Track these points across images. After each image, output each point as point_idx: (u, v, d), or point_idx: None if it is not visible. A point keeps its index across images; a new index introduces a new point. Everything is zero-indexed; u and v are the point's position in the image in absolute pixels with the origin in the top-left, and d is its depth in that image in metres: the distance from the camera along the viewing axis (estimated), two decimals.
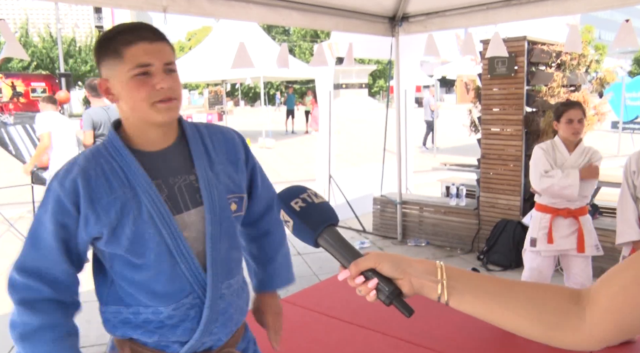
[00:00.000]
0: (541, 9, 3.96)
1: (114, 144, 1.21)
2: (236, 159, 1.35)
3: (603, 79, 5.31)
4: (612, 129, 14.88)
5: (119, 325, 1.25)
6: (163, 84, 1.15)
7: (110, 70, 1.17)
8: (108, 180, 1.18)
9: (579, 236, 3.08)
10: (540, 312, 0.77)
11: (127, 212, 1.17)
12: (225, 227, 1.28)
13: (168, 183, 1.23)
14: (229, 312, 1.30)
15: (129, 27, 1.17)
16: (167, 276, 1.21)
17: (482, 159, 5.02)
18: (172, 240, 1.20)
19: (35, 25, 30.28)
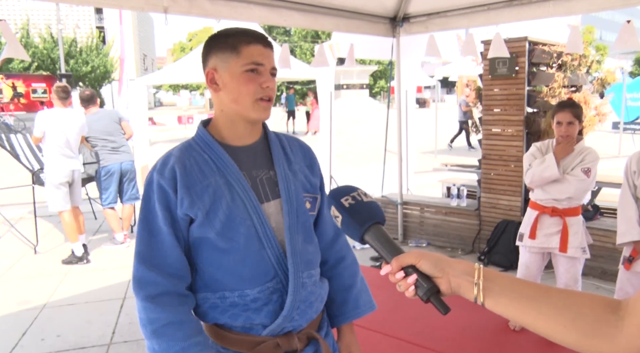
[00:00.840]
0: (543, 9, 3.95)
1: (204, 138, 1.33)
2: (312, 164, 1.47)
3: (604, 79, 5.31)
4: (613, 130, 14.88)
5: (209, 311, 1.32)
6: (269, 84, 1.29)
7: (222, 61, 1.29)
8: (201, 169, 1.28)
9: (562, 236, 3.10)
10: (575, 319, 0.77)
11: (219, 197, 1.27)
12: (301, 220, 1.36)
13: (251, 175, 1.33)
14: (310, 300, 1.36)
15: (249, 31, 1.30)
16: (254, 260, 1.29)
17: (483, 159, 5.02)
18: (260, 226, 1.28)
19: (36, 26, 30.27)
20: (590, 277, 4.24)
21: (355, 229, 0.94)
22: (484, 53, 4.85)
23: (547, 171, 3.06)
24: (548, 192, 3.15)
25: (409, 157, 6.25)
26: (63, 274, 4.80)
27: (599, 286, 4.17)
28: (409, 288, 0.86)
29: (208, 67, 1.31)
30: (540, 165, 3.09)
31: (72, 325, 3.68)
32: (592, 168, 3.04)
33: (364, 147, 13.81)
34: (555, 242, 3.13)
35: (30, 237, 5.69)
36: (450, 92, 44.40)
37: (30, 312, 3.92)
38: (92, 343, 3.38)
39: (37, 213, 5.69)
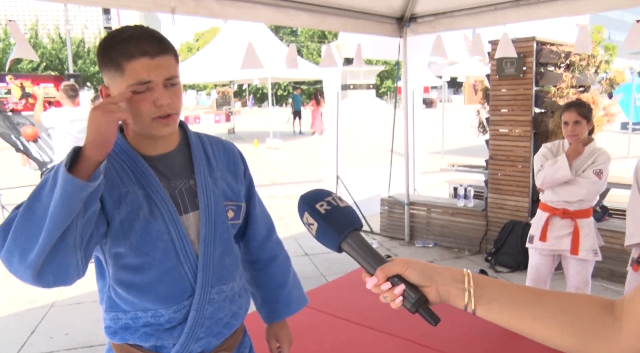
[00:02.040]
0: (550, 9, 3.93)
1: (122, 146, 1.22)
2: (235, 170, 1.38)
3: (613, 79, 5.27)
4: (622, 130, 14.77)
5: (119, 331, 1.25)
6: (162, 101, 1.14)
7: (110, 80, 1.16)
8: (119, 175, 1.19)
9: (574, 238, 3.07)
10: (572, 322, 0.75)
11: (136, 207, 1.18)
12: (219, 232, 1.28)
13: (170, 185, 1.24)
14: (218, 317, 1.28)
15: (132, 36, 1.12)
16: (170, 277, 1.22)
17: (491, 160, 5.00)
18: (178, 239, 1.21)
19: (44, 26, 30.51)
20: (599, 279, 4.21)
21: (334, 238, 0.85)
22: (491, 53, 4.83)
23: (559, 172, 3.02)
24: (559, 194, 3.11)
25: (416, 158, 6.24)
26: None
27: (607, 287, 4.14)
28: (396, 299, 0.80)
29: (102, 84, 1.20)
30: (552, 167, 3.05)
31: (80, 323, 3.71)
32: (603, 169, 3.00)
33: (370, 148, 13.80)
34: (566, 244, 3.09)
35: None
36: (457, 93, 44.27)
37: (39, 311, 3.95)
38: (99, 342, 3.40)
39: None
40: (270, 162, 12.27)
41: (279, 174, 10.72)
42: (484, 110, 5.29)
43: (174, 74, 1.16)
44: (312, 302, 1.57)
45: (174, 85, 1.17)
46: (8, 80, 6.40)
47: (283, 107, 33.71)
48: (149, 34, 1.14)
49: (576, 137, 3.03)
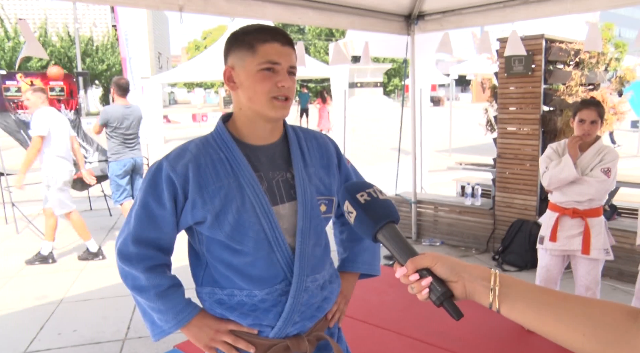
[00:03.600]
0: (560, 6, 3.90)
1: (222, 136, 1.32)
2: (328, 164, 1.45)
3: (623, 77, 5.22)
4: (632, 129, 14.64)
5: (215, 305, 1.34)
6: (285, 83, 1.26)
7: (239, 59, 1.28)
8: (215, 168, 1.28)
9: (585, 237, 3.02)
10: (595, 328, 0.74)
11: (230, 200, 1.26)
12: (314, 224, 1.35)
13: (268, 176, 1.32)
14: (312, 303, 1.36)
15: (267, 28, 1.28)
16: (264, 262, 1.29)
17: (498, 158, 4.97)
18: (270, 230, 1.28)
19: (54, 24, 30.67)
20: (608, 278, 4.18)
21: (370, 227, 0.91)
22: (499, 51, 4.80)
23: (564, 171, 2.98)
24: (568, 194, 3.06)
25: (423, 156, 6.22)
26: (79, 270, 4.87)
27: (616, 287, 4.11)
28: (423, 291, 0.84)
29: (227, 65, 1.32)
30: (556, 167, 3.02)
31: (88, 320, 3.73)
32: (612, 168, 2.96)
33: (377, 146, 13.77)
34: (577, 244, 3.04)
35: None
36: (465, 91, 44.07)
37: (47, 307, 3.98)
38: (107, 338, 3.42)
39: None
40: None
41: None
42: (492, 108, 5.26)
43: (295, 64, 1.31)
44: None
45: (293, 75, 1.30)
46: (18, 78, 6.45)
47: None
48: (280, 29, 1.31)
49: (589, 136, 2.99)
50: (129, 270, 1.31)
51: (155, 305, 1.31)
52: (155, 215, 1.28)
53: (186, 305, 1.33)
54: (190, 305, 1.34)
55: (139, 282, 1.31)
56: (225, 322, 1.33)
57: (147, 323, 1.37)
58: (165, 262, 1.36)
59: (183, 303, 1.33)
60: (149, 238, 1.30)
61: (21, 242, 5.83)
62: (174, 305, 1.31)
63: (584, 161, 3.04)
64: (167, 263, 1.37)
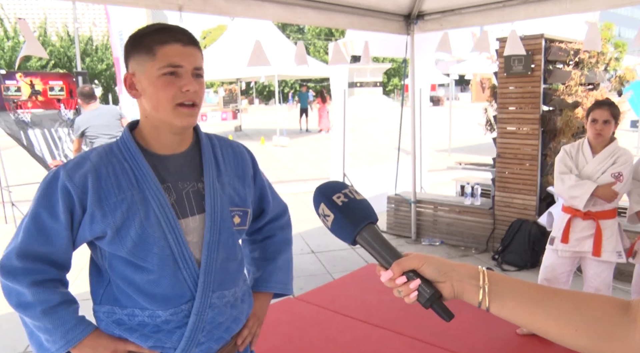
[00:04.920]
0: (560, 6, 3.90)
1: (127, 145, 1.22)
2: (244, 174, 1.37)
3: (622, 77, 5.22)
4: (632, 128, 14.64)
5: (113, 326, 1.24)
6: (189, 87, 1.17)
7: (139, 65, 1.18)
8: (118, 179, 1.18)
9: (595, 239, 2.98)
10: (586, 322, 0.74)
11: (133, 213, 1.17)
12: (224, 237, 1.27)
13: (177, 187, 1.24)
14: (218, 321, 1.28)
15: (165, 28, 1.19)
16: (169, 280, 1.21)
17: (498, 158, 4.97)
18: (176, 245, 1.20)
19: (53, 24, 30.68)
20: None
21: (349, 230, 0.85)
22: (499, 50, 4.80)
23: (576, 200, 2.95)
24: None
25: (423, 155, 6.22)
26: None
27: (615, 286, 4.10)
28: (411, 294, 0.80)
29: (127, 71, 1.22)
30: (573, 189, 2.95)
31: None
32: (623, 171, 2.91)
33: (377, 145, 13.78)
34: (588, 245, 3.00)
35: None
36: (464, 90, 44.06)
37: None
38: None
39: None
40: (276, 160, 12.28)
41: (285, 171, 10.72)
42: (492, 108, 5.26)
43: (201, 65, 1.21)
44: (318, 300, 1.57)
45: (200, 77, 1.21)
46: (18, 78, 6.45)
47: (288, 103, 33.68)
48: (181, 28, 1.21)
49: (600, 136, 2.95)
50: (13, 286, 1.19)
51: (42, 324, 1.19)
52: (47, 228, 1.18)
53: (77, 323, 1.21)
54: (82, 323, 1.22)
55: (24, 298, 1.18)
56: (123, 342, 1.23)
57: (34, 347, 1.24)
58: (57, 278, 1.23)
59: (73, 321, 1.20)
60: (38, 253, 1.19)
61: None
62: (62, 323, 1.19)
63: (591, 166, 3.00)
64: (59, 278, 1.24)
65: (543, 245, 3.45)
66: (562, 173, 3.05)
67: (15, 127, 6.23)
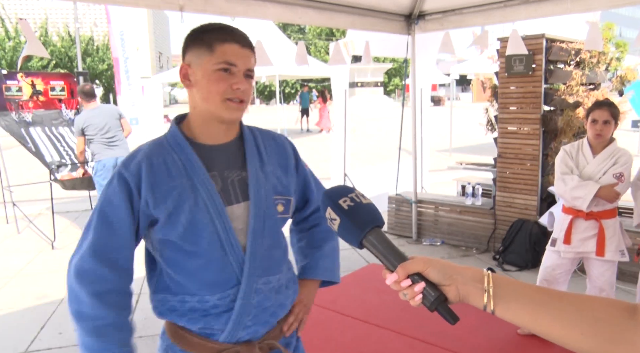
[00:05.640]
0: (561, 6, 3.90)
1: (175, 138, 1.30)
2: (286, 164, 1.43)
3: (623, 77, 5.22)
4: (633, 128, 14.64)
5: (166, 313, 1.31)
6: (240, 85, 1.25)
7: (196, 58, 1.26)
8: (168, 169, 1.26)
9: (599, 239, 2.98)
10: (591, 325, 0.74)
11: (184, 200, 1.24)
12: (268, 224, 1.33)
13: (223, 176, 1.31)
14: (264, 306, 1.32)
15: (227, 28, 1.27)
16: (217, 265, 1.27)
17: (499, 158, 4.97)
18: (223, 231, 1.26)
19: (54, 24, 30.71)
20: None
21: (355, 234, 0.87)
22: (500, 50, 4.80)
23: (578, 201, 2.95)
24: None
25: (424, 155, 6.22)
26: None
27: (617, 287, 4.10)
28: (416, 297, 0.81)
29: (183, 62, 1.29)
30: (576, 190, 2.96)
31: None
32: (624, 171, 2.92)
33: (378, 145, 13.78)
34: (591, 245, 3.00)
35: (48, 232, 5.78)
36: (465, 90, 44.04)
37: (48, 306, 3.98)
38: None
39: (55, 210, 5.78)
40: None
41: None
42: (493, 108, 5.26)
43: (253, 67, 1.29)
44: (318, 300, 1.57)
45: (250, 78, 1.28)
46: (19, 78, 6.45)
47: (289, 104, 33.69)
48: (240, 30, 1.29)
49: (600, 137, 2.96)
50: (79, 291, 1.24)
51: (89, 340, 1.23)
52: (112, 219, 1.24)
53: None
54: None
55: (83, 307, 1.23)
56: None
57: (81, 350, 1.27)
58: (117, 288, 1.26)
59: (116, 350, 1.23)
60: (108, 249, 1.24)
61: (22, 241, 5.84)
62: (104, 349, 1.22)
63: (592, 166, 3.00)
64: (120, 289, 1.27)
65: (544, 245, 3.44)
66: (563, 173, 3.04)
67: (17, 126, 6.24)
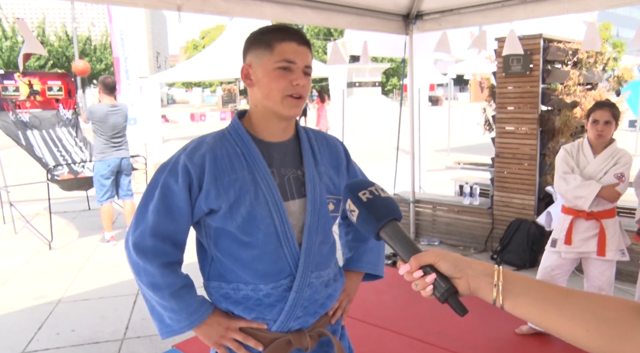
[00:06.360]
0: (558, 6, 3.90)
1: (238, 131, 1.35)
2: (338, 164, 1.48)
3: (621, 77, 5.23)
4: (630, 128, 14.67)
5: (221, 299, 1.36)
6: (299, 81, 1.29)
7: (257, 57, 1.31)
8: (231, 161, 1.31)
9: (600, 239, 2.98)
10: (599, 323, 0.74)
11: (244, 192, 1.29)
12: (322, 221, 1.37)
13: (280, 172, 1.35)
14: (315, 298, 1.37)
15: (285, 28, 1.32)
16: (271, 256, 1.31)
17: (497, 157, 4.98)
18: (280, 224, 1.30)
19: (52, 24, 30.67)
20: None
21: (372, 225, 0.91)
22: (498, 50, 4.81)
23: (580, 200, 2.96)
24: None
25: (422, 155, 6.22)
26: (77, 270, 4.86)
27: (615, 286, 4.11)
28: (427, 287, 0.84)
29: (244, 63, 1.35)
30: (578, 190, 2.96)
31: (87, 320, 3.73)
32: (625, 172, 2.93)
33: (376, 145, 13.79)
34: (592, 245, 3.00)
35: (45, 233, 5.77)
36: (463, 90, 44.10)
37: (46, 307, 3.97)
38: (105, 338, 3.42)
39: (52, 210, 5.76)
40: None
41: None
42: (490, 108, 5.27)
43: (311, 64, 1.34)
44: None
45: (308, 75, 1.32)
46: (16, 77, 6.44)
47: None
48: (298, 30, 1.34)
49: (602, 137, 2.96)
50: (144, 266, 1.31)
51: (169, 304, 1.32)
52: (173, 206, 1.30)
53: (200, 306, 1.34)
54: (203, 306, 1.34)
55: (154, 279, 1.31)
56: (236, 320, 1.35)
57: (156, 321, 1.37)
58: (178, 260, 1.36)
59: (197, 304, 1.33)
60: (166, 231, 1.31)
61: (19, 241, 5.82)
62: (187, 305, 1.32)
63: (593, 166, 3.01)
64: (180, 260, 1.38)
65: (542, 244, 3.45)
66: (565, 173, 3.05)
67: (14, 127, 6.22)
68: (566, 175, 3.03)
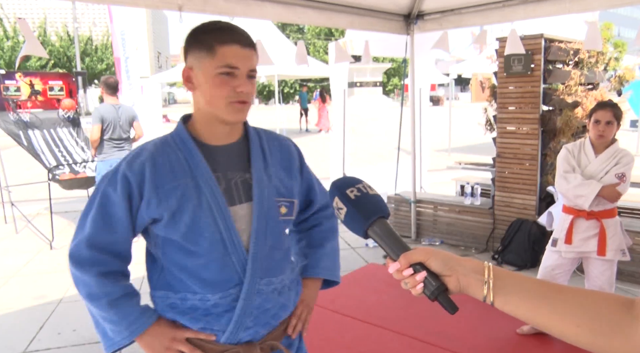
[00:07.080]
0: (559, 6, 3.90)
1: (181, 136, 1.30)
2: (290, 167, 1.43)
3: (622, 76, 5.23)
4: (631, 128, 14.64)
5: (167, 309, 1.31)
6: (243, 88, 1.23)
7: (197, 60, 1.24)
8: (172, 168, 1.26)
9: (600, 239, 2.98)
10: (590, 319, 0.74)
11: (187, 199, 1.24)
12: (271, 225, 1.33)
13: (227, 176, 1.30)
14: (265, 308, 1.32)
15: (226, 27, 1.24)
16: (218, 264, 1.27)
17: (498, 157, 4.97)
18: (225, 231, 1.26)
19: (53, 24, 30.71)
20: None
21: (361, 223, 0.89)
22: (499, 50, 4.80)
23: (581, 199, 2.95)
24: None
25: (423, 155, 6.22)
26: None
27: (616, 286, 4.11)
28: (417, 286, 0.83)
29: (185, 65, 1.28)
30: (578, 188, 2.96)
31: (87, 320, 3.70)
32: (626, 172, 2.93)
33: (377, 145, 13.78)
34: (593, 245, 3.00)
35: (46, 232, 5.77)
36: (464, 90, 44.08)
37: (47, 307, 3.98)
38: (96, 340, 3.41)
39: (53, 210, 5.77)
40: None
41: None
42: (491, 108, 5.27)
43: (255, 67, 1.28)
44: (318, 299, 1.57)
45: (253, 78, 1.27)
46: (17, 77, 6.44)
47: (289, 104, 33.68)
48: (241, 29, 1.27)
49: (603, 137, 2.96)
50: (81, 276, 1.27)
51: (108, 315, 1.27)
52: (111, 215, 1.26)
53: (140, 315, 1.28)
54: (144, 315, 1.29)
55: (90, 289, 1.27)
56: (182, 330, 1.30)
57: (100, 335, 1.33)
58: (119, 269, 1.31)
59: (137, 313, 1.28)
60: (104, 241, 1.27)
61: (20, 241, 5.83)
62: (127, 315, 1.27)
63: (594, 166, 3.00)
64: (122, 271, 1.32)
65: (543, 244, 3.44)
66: (566, 172, 3.05)
67: (15, 127, 6.23)
68: (567, 174, 3.03)
